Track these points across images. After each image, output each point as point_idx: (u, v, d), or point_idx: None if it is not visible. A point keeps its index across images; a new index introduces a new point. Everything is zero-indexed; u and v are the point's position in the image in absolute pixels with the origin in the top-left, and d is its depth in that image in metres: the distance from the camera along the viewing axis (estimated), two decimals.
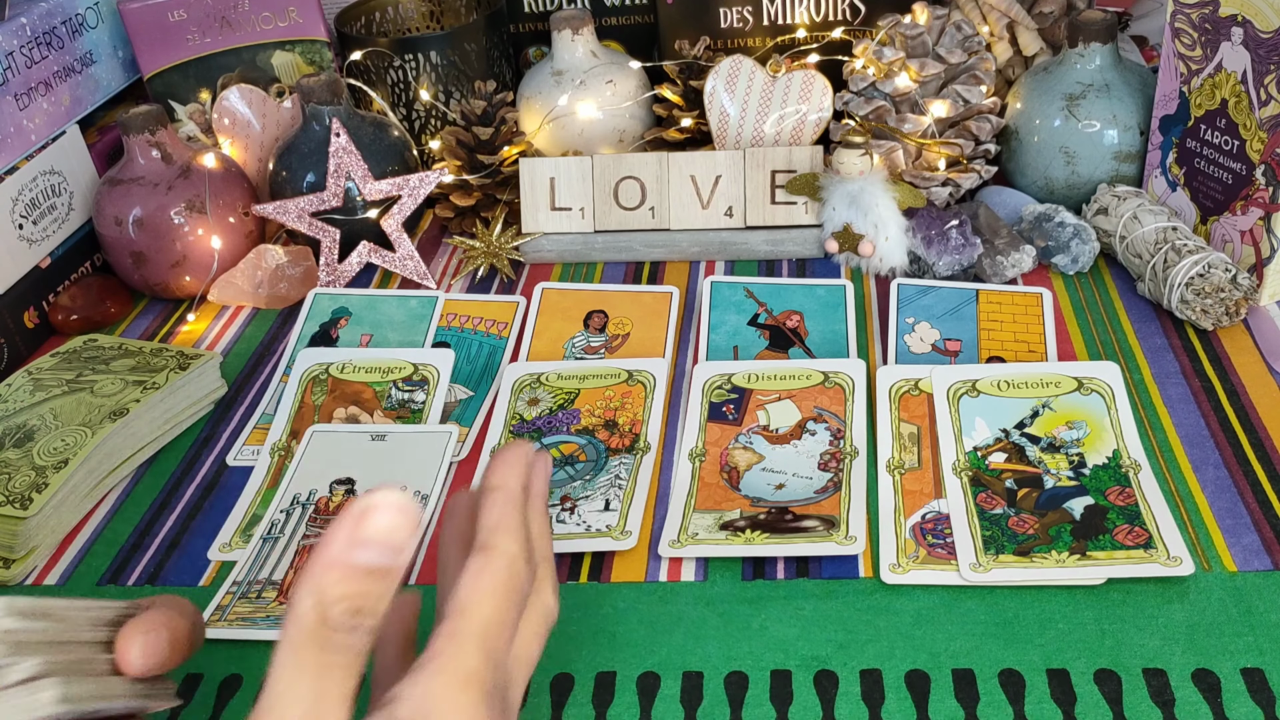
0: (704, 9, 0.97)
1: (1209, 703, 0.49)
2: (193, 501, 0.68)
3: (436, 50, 0.96)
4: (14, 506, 0.63)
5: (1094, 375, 0.68)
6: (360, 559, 0.33)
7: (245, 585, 0.60)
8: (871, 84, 0.88)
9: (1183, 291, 0.72)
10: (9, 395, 0.72)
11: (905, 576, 0.57)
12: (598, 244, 0.89)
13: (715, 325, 0.78)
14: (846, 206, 0.83)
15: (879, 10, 0.94)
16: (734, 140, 0.91)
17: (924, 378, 0.70)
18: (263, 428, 0.73)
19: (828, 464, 0.65)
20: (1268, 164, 0.72)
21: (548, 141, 0.96)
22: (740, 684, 0.52)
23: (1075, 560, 0.56)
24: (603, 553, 0.61)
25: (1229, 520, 0.59)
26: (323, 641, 0.33)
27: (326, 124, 0.88)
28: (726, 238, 0.88)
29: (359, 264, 0.89)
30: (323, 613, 0.33)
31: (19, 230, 0.84)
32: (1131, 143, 0.84)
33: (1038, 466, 0.63)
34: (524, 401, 0.72)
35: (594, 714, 0.52)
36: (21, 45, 0.86)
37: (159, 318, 0.89)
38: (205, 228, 0.87)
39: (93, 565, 0.64)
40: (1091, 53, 0.84)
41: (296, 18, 0.98)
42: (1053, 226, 0.81)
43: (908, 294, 0.78)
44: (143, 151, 0.86)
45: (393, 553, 0.34)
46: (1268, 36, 0.70)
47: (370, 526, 0.33)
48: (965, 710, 0.50)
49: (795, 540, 0.59)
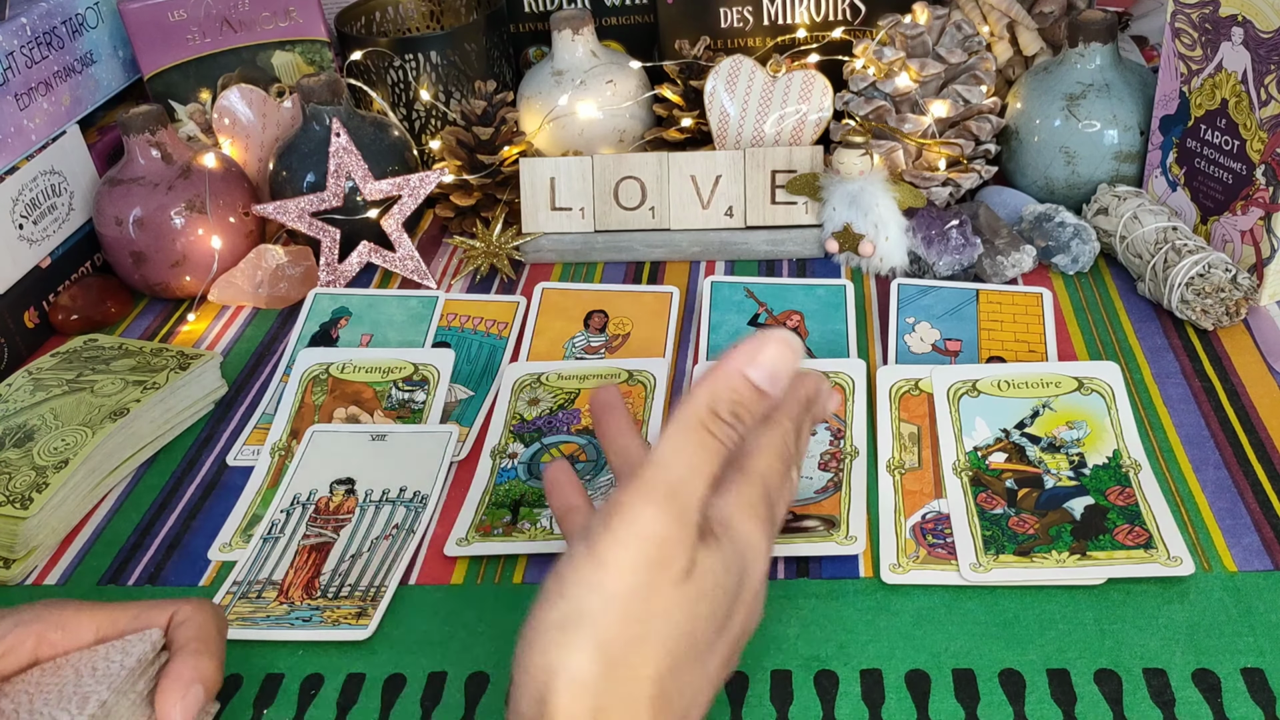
0: (704, 9, 0.97)
1: (1209, 703, 0.49)
2: (193, 501, 0.68)
3: (436, 50, 0.96)
4: (14, 506, 0.63)
5: (1094, 375, 0.68)
6: (751, 374, 0.42)
7: (245, 585, 0.60)
8: (871, 84, 0.88)
9: (1183, 291, 0.72)
10: (9, 395, 0.72)
11: (905, 576, 0.57)
12: (598, 244, 0.89)
13: (715, 325, 0.78)
14: (846, 206, 0.83)
15: (879, 10, 0.94)
16: (734, 140, 0.91)
17: (924, 378, 0.70)
18: (263, 428, 0.73)
19: (828, 464, 0.65)
20: (1268, 164, 0.72)
21: (548, 141, 0.96)
22: (740, 684, 0.52)
23: (1075, 560, 0.56)
24: None
25: (1229, 520, 0.59)
26: (708, 424, 0.41)
27: (326, 124, 0.88)
28: (726, 238, 0.88)
29: (359, 264, 0.89)
30: (713, 405, 0.41)
31: (19, 230, 0.84)
32: (1131, 143, 0.84)
33: (1038, 466, 0.63)
34: (524, 401, 0.72)
35: None
36: (22, 45, 0.86)
37: (159, 318, 0.89)
38: (205, 228, 0.87)
39: (93, 565, 0.64)
40: (1092, 53, 0.84)
41: (296, 18, 0.98)
42: (1053, 226, 0.81)
43: (908, 294, 0.78)
44: (143, 151, 0.86)
45: (773, 380, 0.42)
46: (1268, 36, 0.70)
47: (764, 354, 0.42)
48: (965, 710, 0.50)
49: (795, 540, 0.59)
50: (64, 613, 0.47)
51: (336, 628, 0.57)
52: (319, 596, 0.59)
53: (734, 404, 0.42)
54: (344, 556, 0.62)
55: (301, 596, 0.59)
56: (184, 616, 0.47)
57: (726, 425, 0.41)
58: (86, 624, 0.47)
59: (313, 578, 0.60)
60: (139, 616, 0.47)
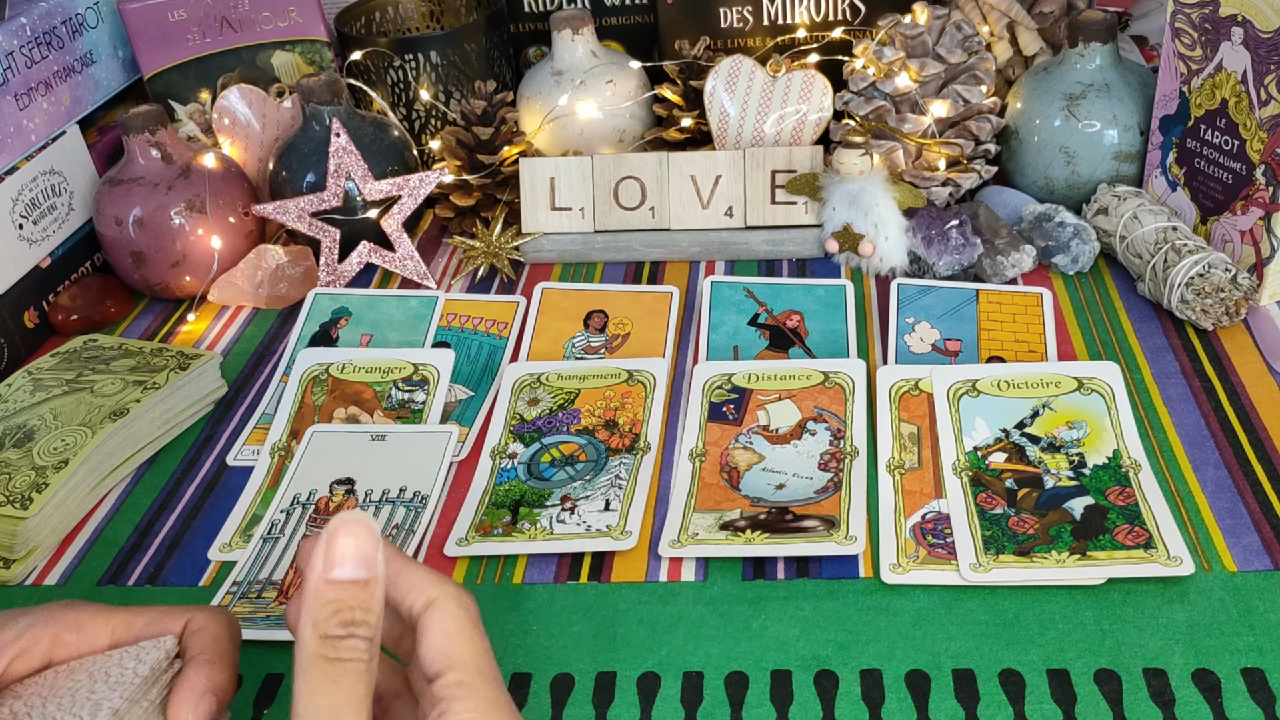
0: (704, 9, 0.97)
1: (1209, 703, 0.49)
2: (193, 501, 0.68)
3: (436, 50, 0.96)
4: (14, 506, 0.63)
5: (1094, 375, 0.68)
6: (337, 575, 0.38)
7: (245, 585, 0.60)
8: (871, 84, 0.88)
9: (1183, 291, 0.72)
10: (9, 395, 0.72)
11: (905, 576, 0.57)
12: (598, 244, 0.89)
13: (715, 325, 0.78)
14: (846, 206, 0.83)
15: (879, 10, 0.94)
16: (734, 140, 0.91)
17: (924, 378, 0.70)
18: (263, 428, 0.73)
19: (828, 464, 0.65)
20: (1268, 164, 0.72)
21: (548, 141, 0.96)
22: (740, 684, 0.52)
23: (1075, 560, 0.56)
24: (603, 553, 0.61)
25: (1229, 520, 0.59)
26: (326, 656, 0.38)
27: (326, 124, 0.88)
28: (726, 238, 0.88)
29: (359, 264, 0.89)
30: (321, 630, 0.38)
31: (19, 230, 0.84)
32: (1131, 143, 0.84)
33: (1038, 466, 0.63)
34: (524, 401, 0.72)
35: (594, 714, 0.52)
36: (21, 45, 0.86)
37: (159, 318, 0.89)
38: (205, 228, 0.87)
39: (93, 565, 0.64)
40: (1091, 53, 0.84)
41: (296, 18, 0.98)
42: (1053, 226, 0.81)
43: (908, 294, 0.78)
44: (143, 151, 0.86)
45: (362, 564, 0.39)
46: (1268, 36, 0.70)
47: (336, 548, 0.38)
48: (965, 710, 0.50)
49: (795, 540, 0.59)
50: (80, 615, 0.46)
51: None
52: None
53: (338, 615, 0.38)
54: None
55: None
56: (199, 624, 0.47)
57: (346, 640, 0.38)
58: (102, 627, 0.46)
59: None
60: (154, 622, 0.47)
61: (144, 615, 0.47)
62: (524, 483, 0.66)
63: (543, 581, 0.59)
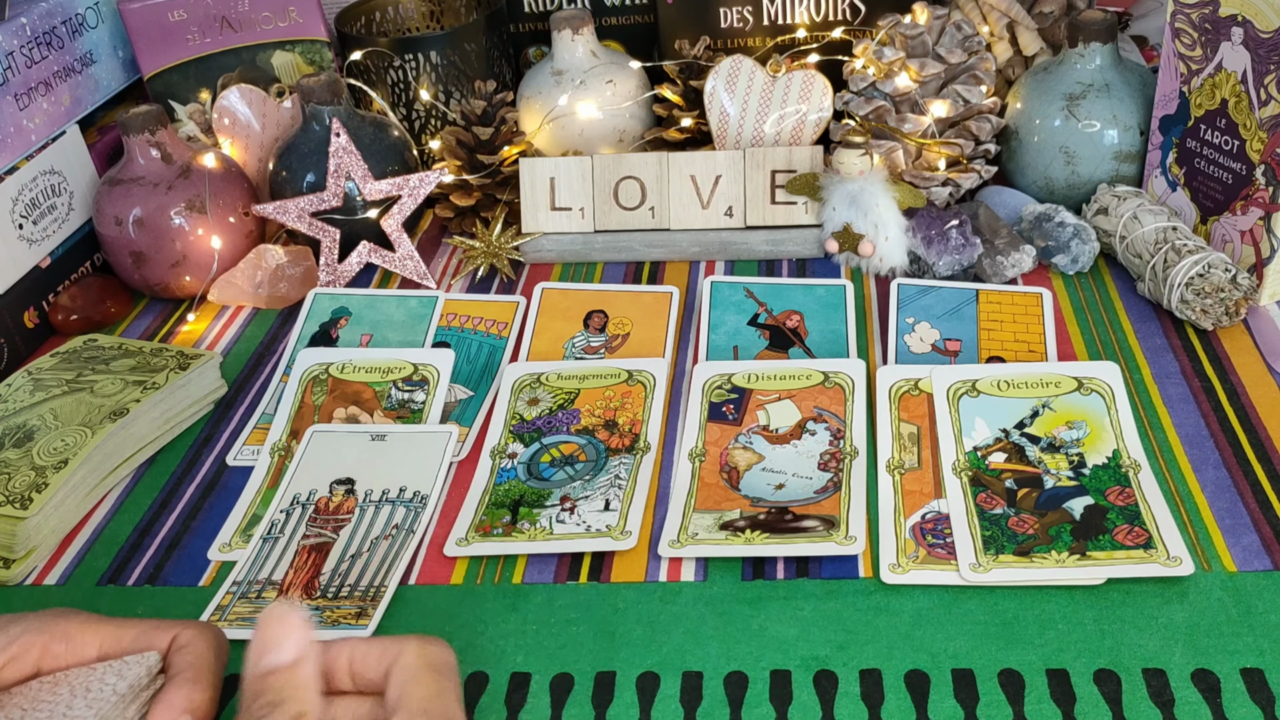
0: (704, 9, 0.97)
1: (1209, 703, 0.49)
2: (193, 501, 0.68)
3: (436, 50, 0.96)
4: (14, 506, 0.63)
5: (1094, 375, 0.68)
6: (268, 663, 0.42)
7: (245, 585, 0.60)
8: (871, 84, 0.88)
9: (1183, 291, 0.72)
10: (9, 395, 0.72)
11: (905, 576, 0.57)
12: (598, 244, 0.89)
13: (715, 325, 0.78)
14: (846, 206, 0.83)
15: (879, 10, 0.94)
16: (734, 140, 0.91)
17: (924, 378, 0.70)
18: (263, 428, 0.73)
19: (827, 464, 0.65)
20: (1268, 164, 0.72)
21: (548, 141, 0.96)
22: (740, 684, 0.52)
23: (1075, 560, 0.56)
24: (603, 553, 0.61)
25: (1229, 520, 0.59)
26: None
27: (326, 124, 0.88)
28: (726, 238, 0.88)
29: (359, 264, 0.89)
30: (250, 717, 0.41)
31: (19, 230, 0.84)
32: (1131, 143, 0.84)
33: (1038, 466, 0.63)
34: (524, 401, 0.72)
35: (594, 714, 0.52)
36: (21, 45, 0.86)
37: (159, 318, 0.89)
38: (205, 228, 0.87)
39: (93, 565, 0.64)
40: (1091, 53, 0.84)
41: (296, 18, 0.98)
42: (1053, 226, 0.81)
43: (908, 294, 0.78)
44: (143, 151, 0.86)
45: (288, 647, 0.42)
46: (1268, 36, 0.70)
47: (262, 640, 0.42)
48: (965, 710, 0.50)
49: (795, 540, 0.59)
50: (70, 625, 0.47)
51: (336, 628, 0.57)
52: (319, 596, 0.59)
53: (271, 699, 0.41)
54: (344, 557, 0.62)
55: (301, 596, 0.59)
56: (184, 641, 0.47)
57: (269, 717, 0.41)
58: (91, 639, 0.47)
59: (313, 578, 0.60)
60: (142, 636, 0.47)
61: (133, 629, 0.47)
62: (524, 483, 0.66)
63: (542, 581, 0.60)
